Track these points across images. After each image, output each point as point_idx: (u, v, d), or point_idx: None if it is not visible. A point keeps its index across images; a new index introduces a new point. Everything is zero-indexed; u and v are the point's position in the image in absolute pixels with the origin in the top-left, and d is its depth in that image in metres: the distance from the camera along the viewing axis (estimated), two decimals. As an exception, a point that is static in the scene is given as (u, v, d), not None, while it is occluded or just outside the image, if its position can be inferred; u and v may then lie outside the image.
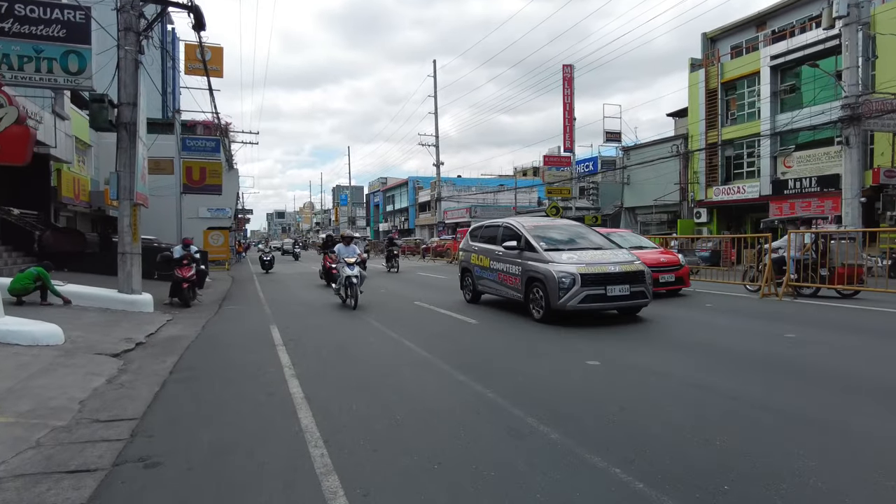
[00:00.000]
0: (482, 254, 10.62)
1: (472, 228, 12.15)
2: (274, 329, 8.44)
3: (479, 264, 10.72)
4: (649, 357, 6.00)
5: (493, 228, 10.83)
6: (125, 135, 10.12)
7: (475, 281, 10.89)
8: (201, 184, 22.26)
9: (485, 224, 11.71)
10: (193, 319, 9.80)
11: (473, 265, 10.96)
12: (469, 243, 11.50)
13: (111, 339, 7.25)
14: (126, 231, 10.18)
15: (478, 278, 10.78)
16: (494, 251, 10.08)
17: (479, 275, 10.69)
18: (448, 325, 8.76)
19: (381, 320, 9.19)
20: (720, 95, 29.39)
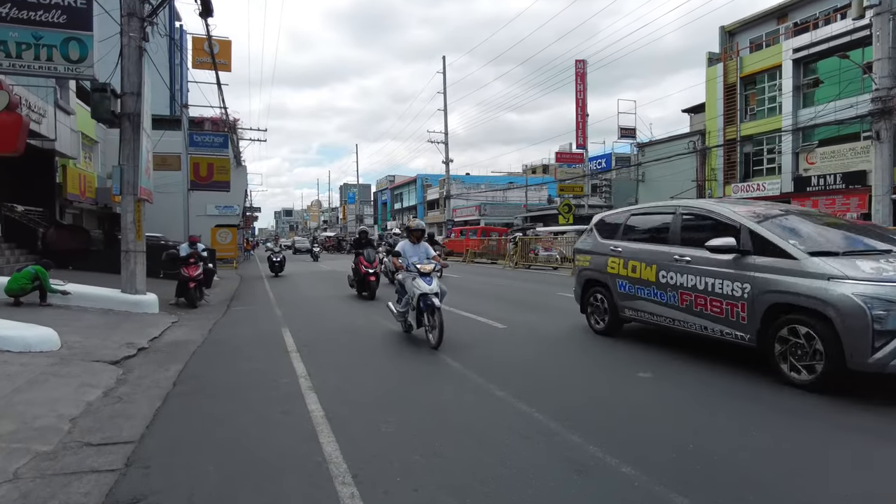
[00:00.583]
0: (637, 259, 6.71)
1: (600, 219, 8.08)
2: (286, 333, 7.88)
3: (628, 276, 6.84)
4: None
5: (658, 218, 7.03)
6: (128, 126, 9.58)
7: (617, 301, 7.08)
8: (209, 180, 21.77)
9: (632, 211, 7.65)
10: (200, 321, 9.26)
11: (615, 277, 7.08)
12: (599, 241, 7.64)
13: (111, 344, 6.71)
14: (129, 228, 9.65)
15: (625, 298, 6.92)
16: (670, 255, 6.27)
17: (630, 292, 6.81)
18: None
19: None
20: (739, 90, 28.59)
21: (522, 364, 5.85)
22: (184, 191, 21.50)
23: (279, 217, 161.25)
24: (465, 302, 10.82)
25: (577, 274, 8.29)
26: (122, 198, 9.62)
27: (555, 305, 10.50)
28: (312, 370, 5.56)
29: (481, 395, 4.69)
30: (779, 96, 26.68)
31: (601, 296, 7.45)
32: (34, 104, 14.68)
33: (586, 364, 6.06)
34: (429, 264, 7.09)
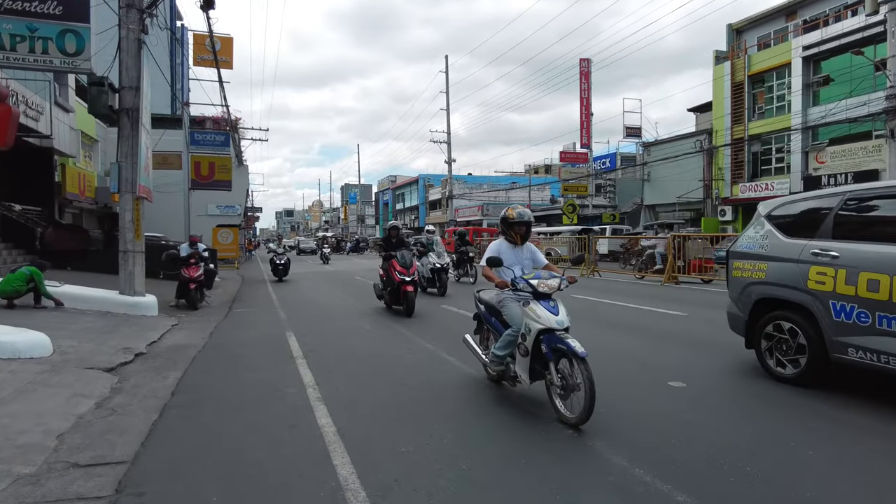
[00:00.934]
0: (880, 270, 4.29)
1: (778, 207, 5.66)
2: (291, 337, 7.52)
3: (856, 296, 4.43)
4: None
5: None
6: (127, 122, 9.23)
7: (827, 334, 4.63)
8: (210, 179, 21.43)
9: (851, 193, 4.97)
10: (201, 324, 8.91)
11: (825, 296, 4.66)
12: (783, 241, 5.25)
13: (107, 349, 6.36)
14: (128, 227, 9.30)
15: (847, 330, 4.48)
16: None
17: (859, 322, 4.40)
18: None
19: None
20: (747, 89, 28.21)
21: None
22: (184, 190, 21.15)
23: (280, 217, 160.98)
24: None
25: (737, 289, 5.68)
26: (120, 196, 9.28)
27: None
28: (321, 378, 5.20)
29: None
30: (787, 94, 26.31)
31: (791, 325, 4.93)
32: (31, 101, 14.35)
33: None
34: (551, 278, 4.32)
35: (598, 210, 41.12)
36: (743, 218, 29.03)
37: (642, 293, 12.38)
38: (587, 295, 11.85)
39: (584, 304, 10.68)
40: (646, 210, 36.00)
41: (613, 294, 12.23)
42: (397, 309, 9.68)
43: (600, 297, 11.68)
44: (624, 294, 12.28)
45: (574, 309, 9.90)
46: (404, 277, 9.39)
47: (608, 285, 14.50)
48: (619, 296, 11.90)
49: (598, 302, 11.00)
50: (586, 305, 10.50)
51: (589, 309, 10.09)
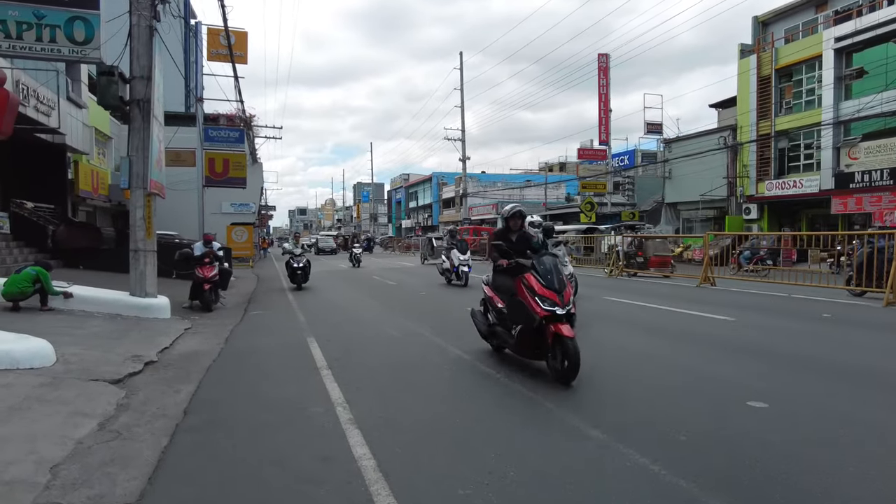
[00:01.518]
0: None
1: None
2: (313, 344, 6.97)
3: None
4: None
5: None
6: (138, 113, 8.74)
7: None
8: (224, 176, 21.00)
9: None
10: (216, 328, 8.39)
11: None
12: None
13: (115, 357, 5.84)
14: (139, 225, 8.81)
15: None
16: None
17: None
18: None
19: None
20: (774, 83, 27.27)
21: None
22: (198, 187, 20.76)
23: (293, 216, 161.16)
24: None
25: None
26: (130, 192, 8.79)
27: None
28: (350, 394, 4.63)
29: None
30: (818, 88, 25.38)
31: None
32: (43, 95, 13.95)
33: None
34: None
35: (616, 208, 40.30)
36: (769, 216, 28.16)
37: (660, 293, 11.72)
38: (618, 297, 11.22)
39: (619, 307, 10.06)
40: (667, 208, 35.13)
41: (637, 295, 11.57)
42: (533, 364, 5.54)
43: (628, 298, 11.04)
44: (651, 296, 11.62)
45: (609, 313, 9.34)
46: (555, 309, 4.91)
47: (621, 284, 13.83)
48: (647, 297, 11.24)
49: (632, 304, 10.35)
50: (620, 308, 9.86)
51: (624, 312, 9.46)
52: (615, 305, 10.31)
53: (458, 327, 7.81)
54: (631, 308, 10.03)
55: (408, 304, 11.03)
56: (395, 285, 15.57)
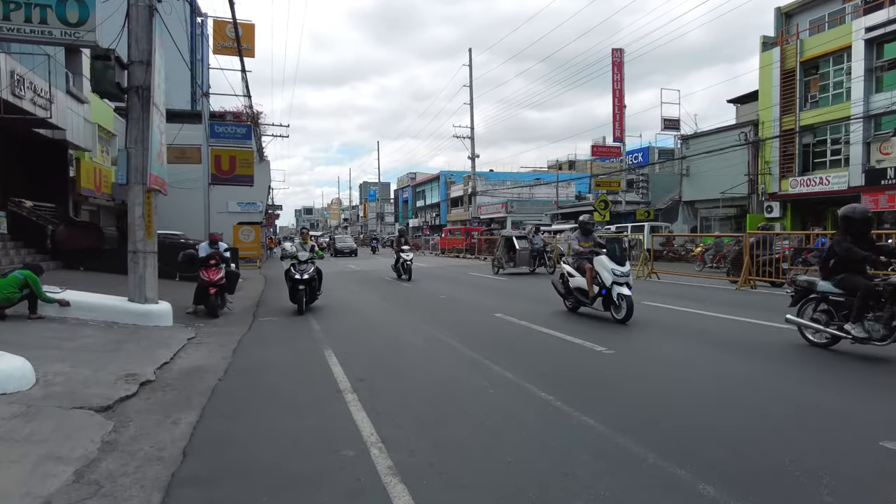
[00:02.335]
0: None
1: None
2: (331, 357, 6.16)
3: None
4: None
5: None
6: (136, 102, 7.95)
7: None
8: (231, 174, 20.26)
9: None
10: (222, 337, 7.60)
11: None
12: None
13: (106, 377, 5.05)
14: (138, 224, 8.02)
15: None
16: None
17: None
18: None
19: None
20: (799, 76, 26.23)
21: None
22: (204, 185, 20.03)
23: (299, 215, 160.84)
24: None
25: None
26: (129, 188, 8.01)
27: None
28: (385, 430, 3.80)
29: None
30: (846, 81, 24.36)
31: None
32: (40, 88, 13.21)
33: None
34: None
35: (630, 206, 39.37)
36: (792, 214, 27.16)
37: (704, 298, 10.85)
38: (663, 302, 10.35)
39: (653, 311, 9.20)
40: (684, 206, 34.15)
41: (685, 301, 10.70)
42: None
43: (675, 304, 10.17)
44: (695, 301, 10.74)
45: (660, 321, 8.43)
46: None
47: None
48: (694, 303, 10.37)
49: (666, 308, 9.49)
50: (656, 314, 9.01)
51: (673, 318, 8.60)
52: (667, 313, 9.45)
53: (481, 336, 6.97)
54: (688, 317, 9.16)
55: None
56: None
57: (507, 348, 6.55)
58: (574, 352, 6.33)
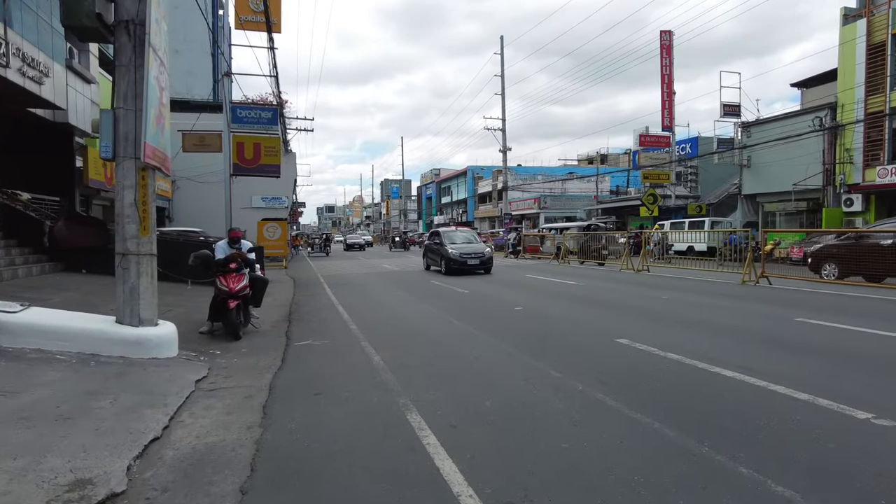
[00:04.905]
0: None
1: None
2: (413, 416, 3.79)
3: None
4: None
5: None
6: (127, 42, 5.63)
7: None
8: (255, 163, 18.06)
9: None
10: (246, 376, 5.26)
11: None
12: None
13: (49, 470, 2.72)
14: (128, 214, 5.72)
15: None
16: None
17: None
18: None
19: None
20: (889, 50, 23.13)
21: None
22: (225, 176, 17.86)
23: (321, 213, 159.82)
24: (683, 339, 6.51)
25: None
26: (116, 163, 5.69)
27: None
28: None
29: None
30: (949, 55, 21.30)
31: None
32: (29, 55, 11.07)
33: None
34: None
35: (680, 201, 36.50)
36: (876, 208, 24.12)
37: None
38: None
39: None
40: (744, 200, 31.16)
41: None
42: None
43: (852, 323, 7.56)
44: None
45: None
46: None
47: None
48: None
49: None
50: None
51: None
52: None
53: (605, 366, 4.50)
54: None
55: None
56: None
57: (703, 414, 4.07)
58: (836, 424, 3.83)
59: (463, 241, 18.06)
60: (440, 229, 19.89)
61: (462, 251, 17.11)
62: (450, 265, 16.88)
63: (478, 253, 17.14)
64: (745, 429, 3.62)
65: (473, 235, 19.91)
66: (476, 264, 16.91)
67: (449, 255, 17.05)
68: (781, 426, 3.66)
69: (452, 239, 18.18)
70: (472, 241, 18.74)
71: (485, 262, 17.13)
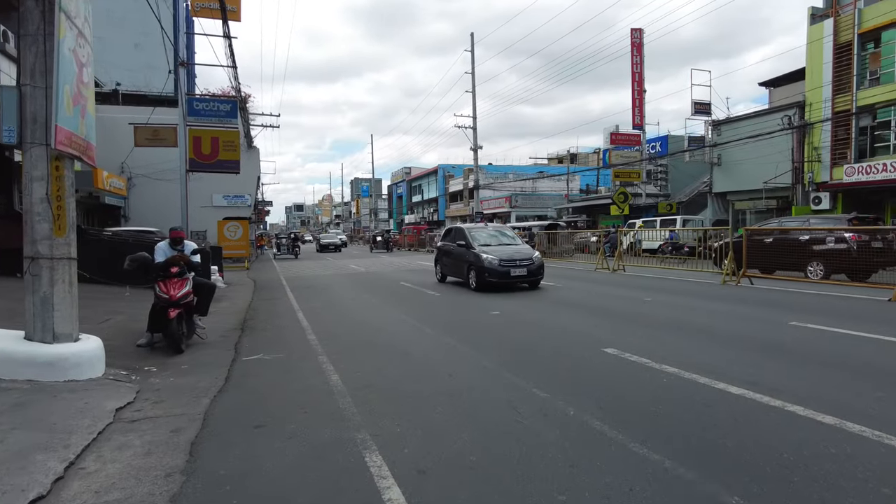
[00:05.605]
0: None
1: None
2: (375, 460, 3.07)
3: None
4: None
5: None
6: (33, 6, 4.73)
7: None
8: (213, 159, 16.98)
9: None
10: (179, 402, 4.45)
11: None
12: None
13: None
14: (38, 212, 4.84)
15: None
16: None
17: None
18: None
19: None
20: (856, 50, 23.30)
21: None
22: (182, 172, 16.78)
23: (290, 212, 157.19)
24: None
25: None
26: (23, 150, 4.80)
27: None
28: None
29: None
30: (915, 54, 21.48)
31: None
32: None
33: None
34: None
35: (650, 200, 36.52)
36: (843, 206, 24.31)
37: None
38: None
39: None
40: (714, 198, 31.25)
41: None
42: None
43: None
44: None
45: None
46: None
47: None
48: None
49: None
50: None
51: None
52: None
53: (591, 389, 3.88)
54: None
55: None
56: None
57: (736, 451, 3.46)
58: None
59: (498, 242, 13.04)
60: (463, 226, 14.56)
61: (502, 256, 11.95)
62: (484, 277, 11.82)
63: (524, 258, 12.01)
64: (777, 467, 3.00)
65: (510, 233, 14.55)
66: (522, 275, 11.81)
67: (483, 262, 11.87)
68: (815, 461, 3.06)
69: (482, 238, 13.12)
70: (510, 240, 13.62)
71: (534, 271, 11.99)
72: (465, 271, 12.70)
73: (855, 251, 12.62)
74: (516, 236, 14.63)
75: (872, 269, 12.72)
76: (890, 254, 12.30)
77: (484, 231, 14.03)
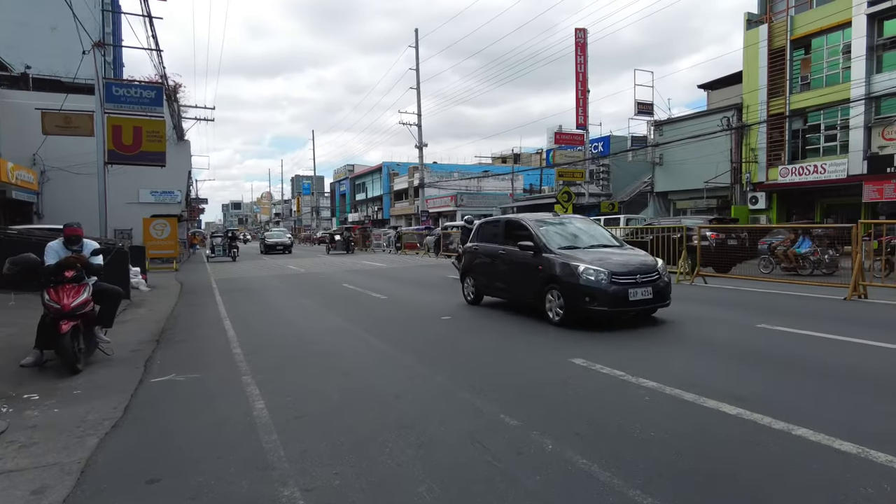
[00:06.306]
0: None
1: None
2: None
3: None
4: None
5: None
6: None
7: None
8: (136, 150, 15.45)
9: None
10: (56, 445, 3.48)
11: None
12: None
13: None
14: None
15: None
16: None
17: None
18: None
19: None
20: (789, 56, 24.08)
21: None
22: (99, 164, 15.17)
23: (227, 210, 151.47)
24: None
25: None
26: None
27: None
28: None
29: None
30: (842, 61, 22.31)
31: None
32: None
33: None
34: None
35: (594, 199, 36.87)
36: (777, 206, 25.14)
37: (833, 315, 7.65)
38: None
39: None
40: (655, 198, 31.79)
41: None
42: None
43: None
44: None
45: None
46: None
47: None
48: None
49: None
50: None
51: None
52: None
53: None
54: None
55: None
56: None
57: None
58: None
59: (587, 244, 8.16)
60: (522, 217, 9.12)
61: (613, 267, 7.23)
62: (582, 303, 7.15)
63: (647, 272, 7.34)
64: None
65: (602, 230, 9.06)
66: (647, 299, 7.17)
67: (580, 277, 7.18)
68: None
69: (561, 237, 8.29)
70: (607, 239, 8.65)
71: (660, 291, 7.37)
72: (536, 290, 7.82)
73: (714, 247, 13.75)
74: (612, 234, 9.34)
75: (731, 263, 13.85)
76: (743, 250, 14.22)
77: (560, 226, 8.65)
